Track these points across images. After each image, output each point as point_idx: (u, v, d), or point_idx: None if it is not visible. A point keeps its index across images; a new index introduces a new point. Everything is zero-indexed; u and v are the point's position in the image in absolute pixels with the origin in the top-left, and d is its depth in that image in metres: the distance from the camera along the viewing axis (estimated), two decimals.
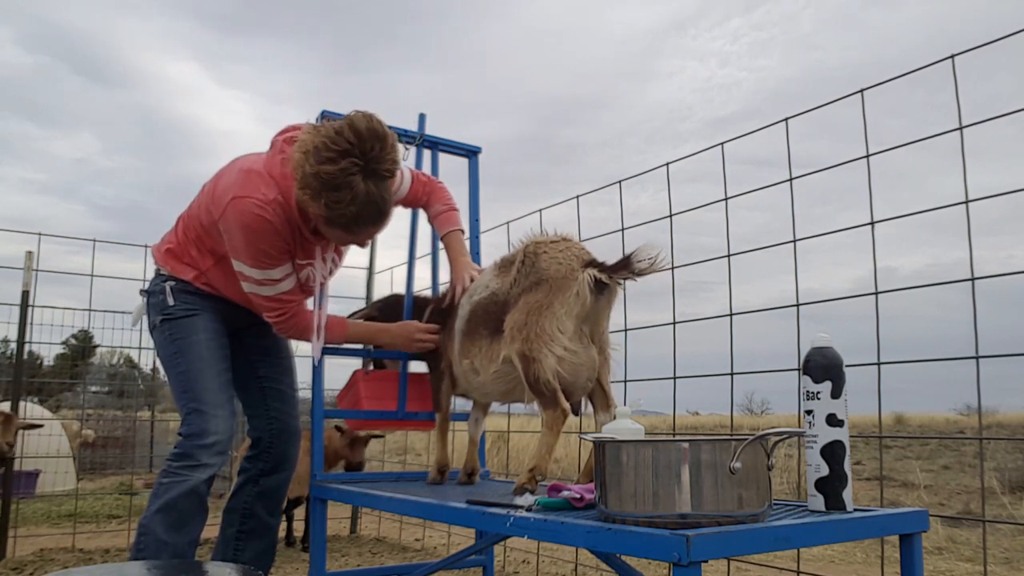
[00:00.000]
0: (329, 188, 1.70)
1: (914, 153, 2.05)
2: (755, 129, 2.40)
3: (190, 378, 1.97)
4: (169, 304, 2.03)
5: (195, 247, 2.04)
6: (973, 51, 1.90)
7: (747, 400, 17.46)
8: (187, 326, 2.03)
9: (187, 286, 2.05)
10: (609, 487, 1.19)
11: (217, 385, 1.99)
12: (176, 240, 2.09)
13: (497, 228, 3.26)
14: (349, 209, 1.73)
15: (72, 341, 6.69)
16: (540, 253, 1.73)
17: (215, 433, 1.91)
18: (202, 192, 2.02)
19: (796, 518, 1.23)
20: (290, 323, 2.02)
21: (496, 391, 1.91)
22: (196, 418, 1.92)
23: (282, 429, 2.20)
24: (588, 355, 1.71)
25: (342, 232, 1.84)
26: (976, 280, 1.85)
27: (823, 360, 1.35)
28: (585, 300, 1.64)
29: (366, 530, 4.51)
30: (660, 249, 1.59)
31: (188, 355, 1.99)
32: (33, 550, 3.68)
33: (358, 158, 1.70)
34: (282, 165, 1.87)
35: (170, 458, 1.91)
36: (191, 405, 1.94)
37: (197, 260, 2.04)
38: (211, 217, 1.93)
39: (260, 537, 2.19)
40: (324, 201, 1.72)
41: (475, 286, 1.94)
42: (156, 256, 2.14)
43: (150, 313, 2.10)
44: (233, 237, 1.88)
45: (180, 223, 2.10)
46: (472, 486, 2.06)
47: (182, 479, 1.87)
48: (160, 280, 2.09)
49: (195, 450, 1.89)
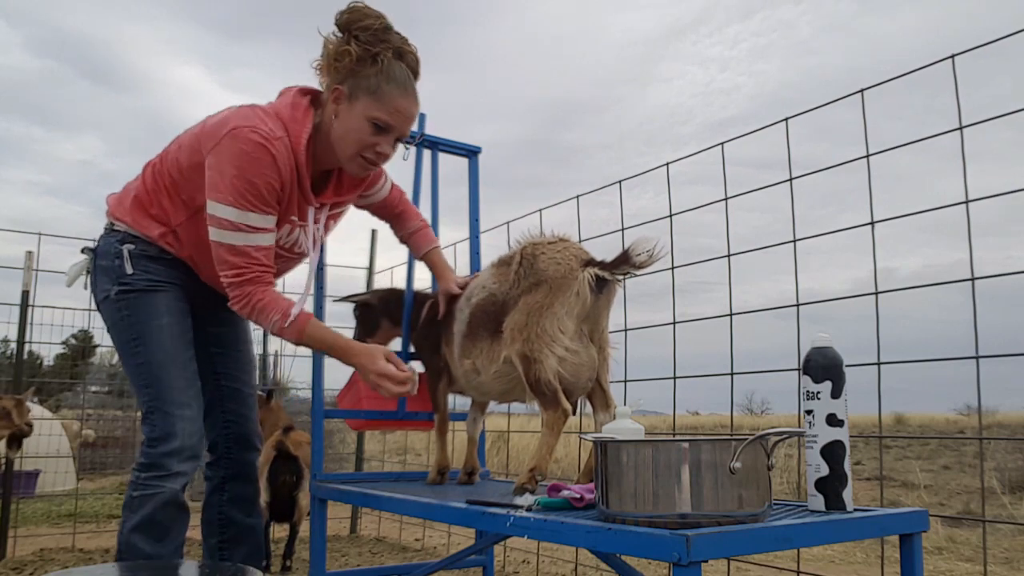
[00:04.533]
0: (369, 39, 1.66)
1: (913, 155, 2.05)
2: (755, 129, 2.40)
3: (151, 372, 1.75)
4: (126, 273, 1.77)
5: (167, 196, 1.78)
6: (972, 51, 1.90)
7: (747, 400, 17.49)
8: (148, 305, 1.77)
9: (148, 248, 1.79)
10: (609, 487, 1.19)
11: (183, 381, 1.78)
12: (144, 188, 1.80)
13: (497, 228, 3.26)
14: (390, 68, 1.66)
15: (72, 341, 6.68)
16: (538, 254, 1.73)
17: (181, 437, 1.73)
18: (183, 135, 1.80)
19: (796, 518, 1.23)
20: (248, 290, 1.69)
21: (496, 391, 1.91)
22: (160, 420, 1.73)
23: (239, 435, 2.03)
24: (588, 355, 1.71)
25: (370, 106, 1.67)
26: (976, 280, 1.85)
27: (823, 360, 1.35)
28: (585, 300, 1.64)
29: (366, 530, 4.51)
30: (657, 240, 1.59)
31: (149, 343, 1.76)
32: (33, 550, 3.68)
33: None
34: (292, 109, 1.72)
35: (137, 467, 1.74)
36: (153, 404, 1.74)
37: (168, 213, 1.78)
38: (196, 156, 1.70)
39: (244, 542, 2.04)
40: (359, 51, 1.65)
41: (472, 287, 1.94)
42: (114, 208, 1.84)
43: (98, 279, 1.83)
44: (221, 169, 1.64)
45: (148, 169, 1.83)
46: (472, 486, 2.06)
47: (155, 491, 1.71)
48: (114, 240, 1.80)
49: (162, 458, 1.72)
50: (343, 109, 1.70)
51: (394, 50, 1.69)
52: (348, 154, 1.74)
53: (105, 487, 6.67)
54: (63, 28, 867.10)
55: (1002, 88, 2.07)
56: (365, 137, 1.71)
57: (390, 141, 1.74)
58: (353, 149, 1.73)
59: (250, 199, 1.64)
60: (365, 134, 1.70)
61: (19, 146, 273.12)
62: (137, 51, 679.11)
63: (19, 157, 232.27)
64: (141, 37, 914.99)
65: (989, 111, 1.88)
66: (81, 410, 8.79)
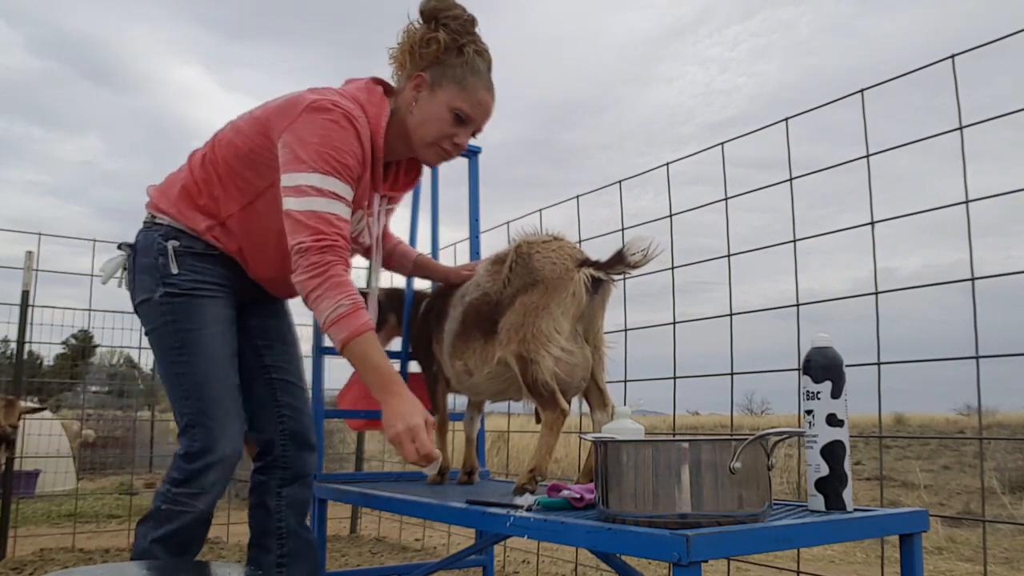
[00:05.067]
0: (458, 28, 1.65)
1: (913, 156, 2.05)
2: (755, 129, 2.40)
3: (196, 383, 1.64)
4: (171, 272, 1.66)
5: (219, 185, 1.68)
6: (972, 51, 1.90)
7: (747, 400, 17.49)
8: (195, 311, 1.67)
9: (193, 244, 1.69)
10: (609, 487, 1.19)
11: (226, 394, 1.67)
12: (192, 178, 1.70)
13: (497, 228, 3.26)
14: (475, 61, 1.65)
15: (72, 341, 6.69)
16: (533, 253, 1.72)
17: (221, 453, 1.62)
18: (237, 121, 1.70)
19: (796, 518, 1.23)
20: (328, 258, 1.50)
21: (489, 391, 1.90)
22: (201, 435, 1.62)
23: (295, 432, 1.87)
24: (583, 355, 1.71)
25: (455, 96, 1.65)
26: (976, 280, 1.85)
27: (823, 360, 1.35)
28: (581, 300, 1.64)
29: (366, 530, 4.51)
30: (652, 239, 1.59)
31: (195, 352, 1.65)
32: (33, 550, 3.68)
33: None
34: (368, 93, 1.67)
35: (170, 481, 1.62)
36: (194, 417, 1.63)
37: (219, 203, 1.68)
38: (261, 138, 1.62)
39: (304, 558, 1.84)
40: (448, 40, 1.63)
41: (467, 285, 1.93)
42: (157, 199, 1.73)
43: (139, 278, 1.70)
44: (302, 140, 1.54)
45: (197, 159, 1.72)
46: (472, 486, 2.06)
47: (184, 508, 1.60)
48: (157, 235, 1.69)
49: (198, 475, 1.60)
50: (424, 97, 1.67)
51: (476, 45, 1.68)
52: (426, 141, 1.70)
53: (105, 487, 6.67)
54: (63, 28, 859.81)
55: (1002, 88, 2.08)
56: (445, 127, 1.68)
57: (467, 133, 1.72)
58: (432, 137, 1.69)
59: (335, 164, 1.54)
60: (446, 123, 1.67)
61: (19, 146, 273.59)
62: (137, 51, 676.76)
63: (19, 157, 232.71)
64: (141, 37, 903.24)
65: (989, 111, 1.89)
66: (81, 410, 8.79)
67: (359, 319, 1.49)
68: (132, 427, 8.67)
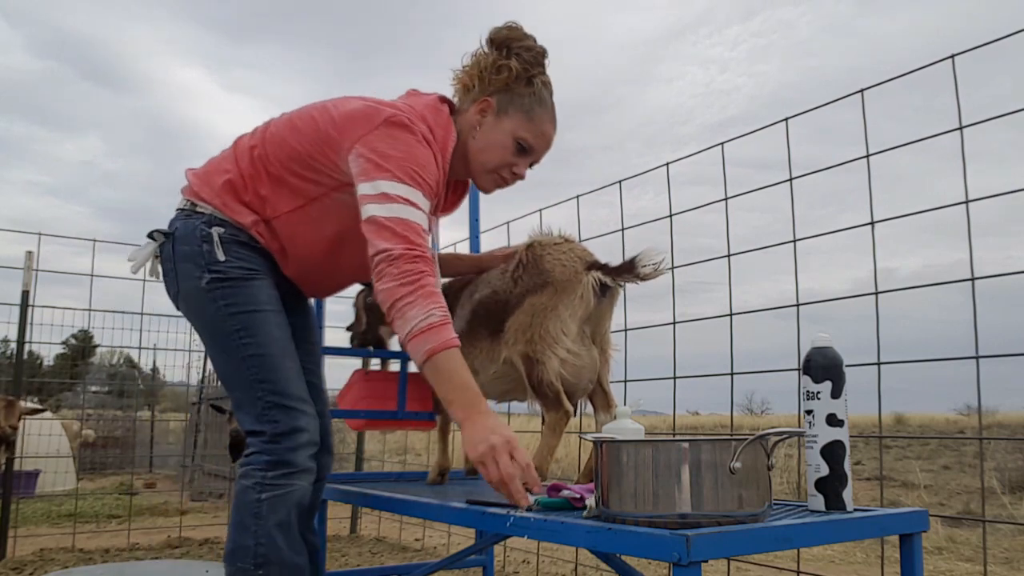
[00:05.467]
0: (530, 60, 1.64)
1: (913, 156, 2.06)
2: (755, 129, 2.40)
3: (266, 365, 1.55)
4: (218, 259, 1.57)
5: (268, 184, 1.60)
6: (972, 51, 1.90)
7: (747, 400, 17.50)
8: (249, 293, 1.59)
9: (238, 234, 1.60)
10: (609, 487, 1.19)
11: (296, 373, 1.60)
12: (238, 171, 1.62)
13: (497, 228, 3.27)
14: (542, 93, 1.65)
15: (72, 341, 6.69)
16: (543, 255, 1.73)
17: (308, 431, 1.55)
18: (294, 118, 1.63)
19: (796, 518, 1.23)
20: (420, 268, 1.42)
21: (495, 391, 1.90)
22: (282, 415, 1.53)
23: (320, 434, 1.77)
24: (590, 356, 1.72)
25: (521, 125, 1.64)
26: (976, 280, 1.85)
27: (823, 360, 1.35)
28: (589, 303, 1.65)
29: (366, 530, 4.51)
30: (663, 255, 1.60)
31: (258, 334, 1.57)
32: (33, 550, 3.68)
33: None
34: (436, 114, 1.62)
35: (260, 466, 1.51)
36: (272, 399, 1.54)
37: (265, 201, 1.61)
38: (328, 145, 1.56)
39: (310, 562, 1.75)
40: (519, 69, 1.63)
41: (478, 282, 1.93)
42: (199, 187, 1.64)
43: (181, 266, 1.60)
44: (383, 153, 1.49)
45: (246, 153, 1.63)
46: (472, 485, 2.07)
47: (287, 489, 1.50)
48: (199, 222, 1.59)
49: (290, 454, 1.52)
50: (489, 122, 1.66)
51: (544, 77, 1.69)
52: (487, 168, 1.68)
53: (105, 487, 6.67)
54: (64, 29, 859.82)
55: (1002, 88, 2.08)
56: (507, 155, 1.66)
57: (527, 164, 1.71)
58: (493, 164, 1.67)
59: (419, 179, 1.49)
60: (508, 152, 1.66)
61: (20, 146, 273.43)
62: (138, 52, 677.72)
63: (20, 157, 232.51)
64: (142, 38, 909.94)
65: (989, 111, 1.89)
66: (81, 410, 8.80)
67: (449, 332, 1.41)
68: (132, 427, 8.68)
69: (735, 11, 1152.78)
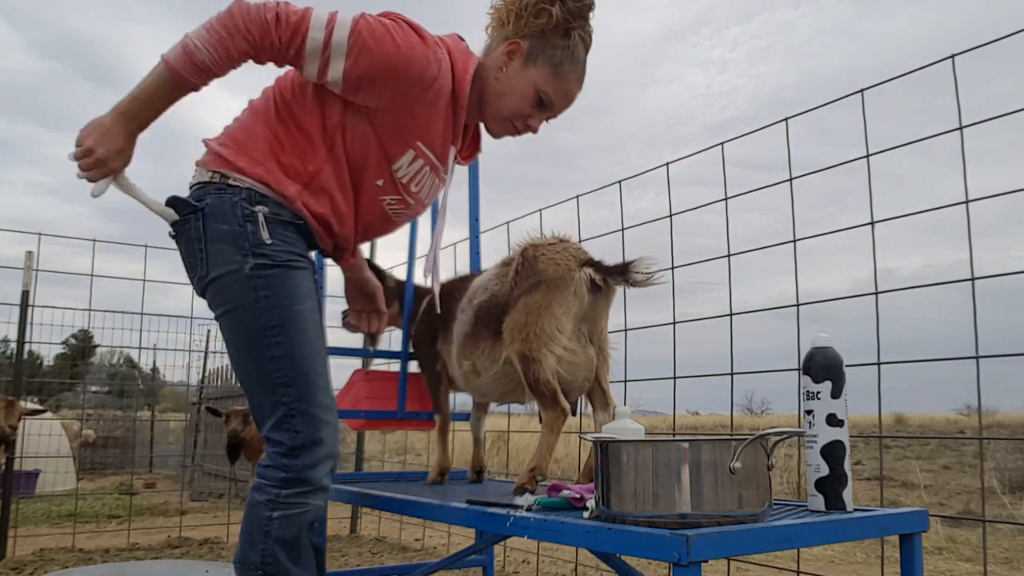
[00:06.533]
0: (573, 10, 1.52)
1: (913, 157, 2.06)
2: (755, 129, 2.41)
3: (296, 367, 1.42)
4: (264, 242, 1.42)
5: (299, 133, 1.48)
6: (971, 52, 1.90)
7: (747, 400, 17.49)
8: (292, 285, 1.44)
9: (281, 212, 1.46)
10: (609, 487, 1.19)
11: (325, 380, 1.47)
12: (270, 131, 1.48)
13: (497, 228, 3.26)
14: (577, 49, 1.53)
15: (72, 341, 6.69)
16: (538, 255, 1.74)
17: (329, 444, 1.43)
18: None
19: (796, 518, 1.23)
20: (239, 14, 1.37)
21: (496, 392, 1.91)
22: (304, 425, 1.41)
23: None
24: (586, 355, 1.72)
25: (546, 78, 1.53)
26: (976, 280, 1.85)
27: (823, 360, 1.35)
28: (583, 299, 1.65)
29: (366, 530, 4.51)
30: (658, 263, 1.60)
31: (292, 332, 1.42)
32: (33, 550, 3.68)
33: None
34: (456, 41, 1.54)
35: (275, 483, 1.40)
36: (296, 405, 1.41)
37: (305, 157, 1.48)
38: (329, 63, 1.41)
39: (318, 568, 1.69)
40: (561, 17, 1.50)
41: (474, 288, 1.94)
42: (236, 158, 1.47)
43: (213, 247, 1.44)
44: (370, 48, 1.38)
45: (272, 111, 1.51)
46: (473, 485, 2.07)
47: (300, 510, 1.40)
48: (239, 198, 1.43)
49: (307, 471, 1.40)
50: (514, 67, 1.54)
51: (583, 31, 1.56)
52: (502, 114, 1.58)
53: (105, 487, 6.67)
54: (65, 30, 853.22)
55: (1002, 88, 2.08)
56: (526, 105, 1.56)
57: (543, 118, 1.61)
58: (509, 111, 1.57)
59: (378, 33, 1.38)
60: (527, 103, 1.55)
61: (21, 147, 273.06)
62: (138, 52, 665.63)
63: (20, 158, 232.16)
64: (143, 39, 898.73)
65: (989, 111, 1.89)
66: (81, 410, 8.80)
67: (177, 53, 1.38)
68: (132, 427, 8.68)
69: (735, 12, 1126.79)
